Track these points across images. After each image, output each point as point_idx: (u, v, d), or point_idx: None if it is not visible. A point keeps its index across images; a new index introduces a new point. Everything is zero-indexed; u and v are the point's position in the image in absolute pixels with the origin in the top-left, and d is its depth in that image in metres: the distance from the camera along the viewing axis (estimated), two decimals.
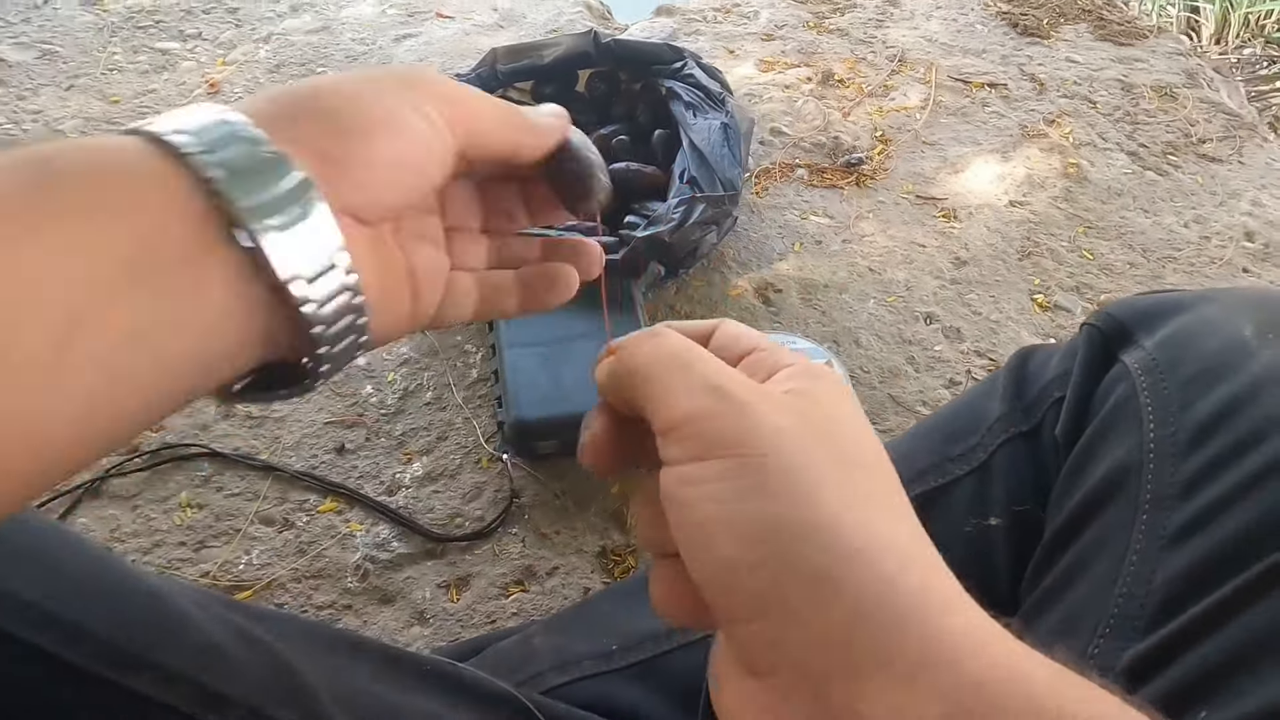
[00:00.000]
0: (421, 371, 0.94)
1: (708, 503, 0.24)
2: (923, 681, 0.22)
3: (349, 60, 1.36)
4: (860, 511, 0.24)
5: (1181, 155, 1.31)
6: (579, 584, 0.78)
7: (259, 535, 0.80)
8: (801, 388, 0.27)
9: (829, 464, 0.25)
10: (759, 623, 0.23)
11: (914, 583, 0.23)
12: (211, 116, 0.25)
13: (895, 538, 0.24)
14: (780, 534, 0.23)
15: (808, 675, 0.23)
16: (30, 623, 0.38)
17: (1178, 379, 0.49)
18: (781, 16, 1.54)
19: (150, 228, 0.23)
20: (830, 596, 0.23)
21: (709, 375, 0.26)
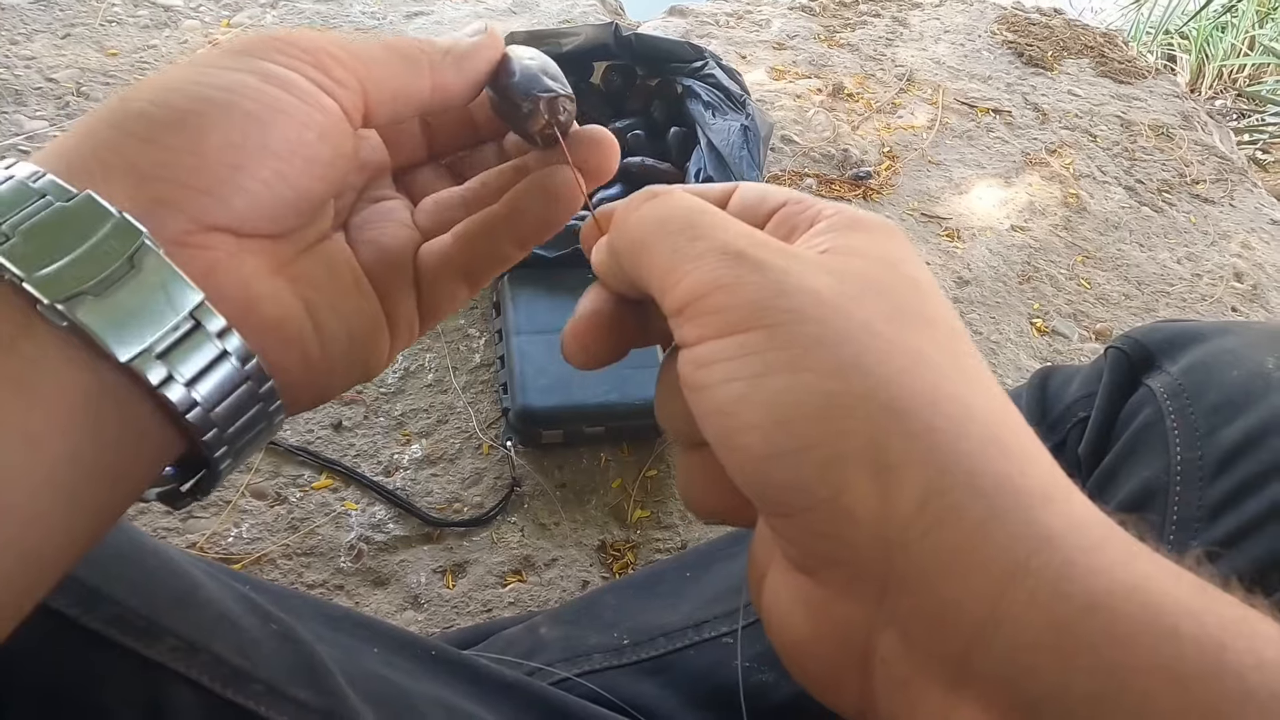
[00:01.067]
0: (423, 353, 0.92)
1: (732, 383, 0.20)
2: (1016, 596, 0.17)
3: (358, 33, 1.34)
4: (924, 377, 0.19)
5: (1176, 194, 1.33)
6: (577, 577, 0.77)
7: (249, 509, 0.78)
8: (842, 243, 0.22)
9: (880, 321, 0.20)
10: (805, 515, 0.19)
11: (1000, 466, 0.19)
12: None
13: (971, 408, 0.19)
14: (824, 412, 0.19)
15: (867, 578, 0.19)
16: None
17: (1203, 405, 0.49)
18: (793, 27, 1.55)
19: None
20: (893, 487, 0.18)
21: (726, 239, 0.21)
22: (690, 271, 0.21)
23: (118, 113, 0.22)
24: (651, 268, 0.22)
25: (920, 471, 0.18)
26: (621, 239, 0.24)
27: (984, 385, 0.20)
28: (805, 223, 0.24)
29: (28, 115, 1.08)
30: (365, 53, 0.25)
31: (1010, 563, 0.18)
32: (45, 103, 1.11)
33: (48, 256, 0.20)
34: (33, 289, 0.19)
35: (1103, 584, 0.17)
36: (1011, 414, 0.20)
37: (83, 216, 0.20)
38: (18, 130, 1.06)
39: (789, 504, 0.19)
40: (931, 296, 0.22)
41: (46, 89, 1.13)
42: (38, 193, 0.20)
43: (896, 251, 0.22)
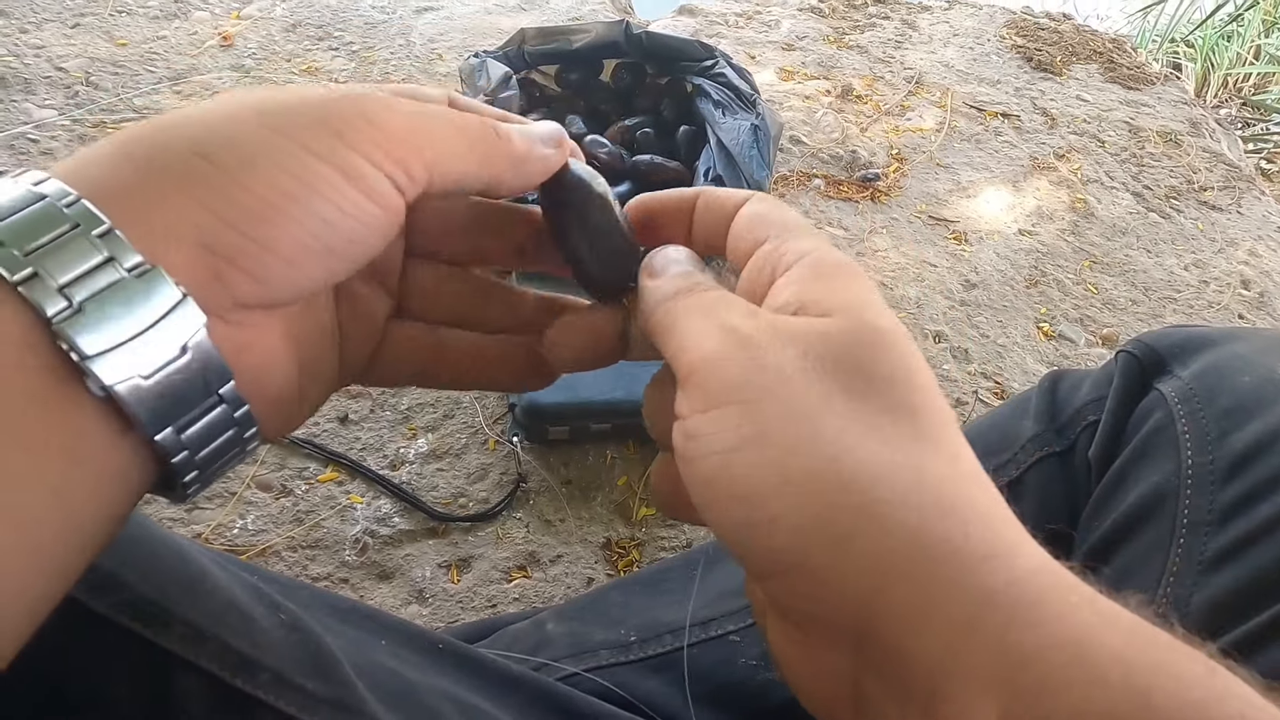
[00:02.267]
0: None
1: (711, 456, 0.21)
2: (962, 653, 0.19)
3: (368, 26, 1.34)
4: (873, 449, 0.21)
5: (1184, 200, 1.33)
6: (582, 573, 0.77)
7: (255, 500, 0.78)
8: (810, 297, 0.23)
9: (839, 394, 0.21)
10: (783, 579, 0.21)
11: (942, 531, 0.20)
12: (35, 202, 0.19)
13: (920, 472, 0.21)
14: (784, 487, 0.20)
15: (843, 633, 0.21)
16: None
17: (1214, 410, 0.49)
18: (803, 28, 1.55)
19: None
20: (848, 555, 0.20)
21: (725, 317, 0.23)
22: (694, 347, 0.23)
23: (194, 177, 0.21)
24: (671, 348, 0.24)
25: (868, 541, 0.20)
26: (653, 322, 0.26)
27: (936, 445, 0.22)
28: (781, 265, 0.25)
29: (36, 104, 1.08)
30: (440, 138, 0.25)
31: (955, 622, 0.19)
32: (54, 91, 1.11)
33: (109, 333, 0.19)
34: (95, 370, 0.19)
35: (1039, 638, 0.19)
36: (961, 473, 0.21)
37: (148, 292, 0.20)
38: (26, 119, 1.06)
39: (767, 568, 0.21)
40: (893, 350, 0.23)
41: (56, 78, 1.13)
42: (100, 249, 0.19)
43: (861, 299, 0.23)
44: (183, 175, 0.21)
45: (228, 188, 0.21)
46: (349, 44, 1.30)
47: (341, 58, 1.27)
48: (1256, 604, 0.40)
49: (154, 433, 0.21)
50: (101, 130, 1.07)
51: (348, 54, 1.28)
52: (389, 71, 1.26)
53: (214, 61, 1.22)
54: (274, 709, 0.37)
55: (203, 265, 0.21)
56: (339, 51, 1.28)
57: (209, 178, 0.21)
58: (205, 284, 0.21)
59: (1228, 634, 0.40)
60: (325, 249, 0.23)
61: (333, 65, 1.26)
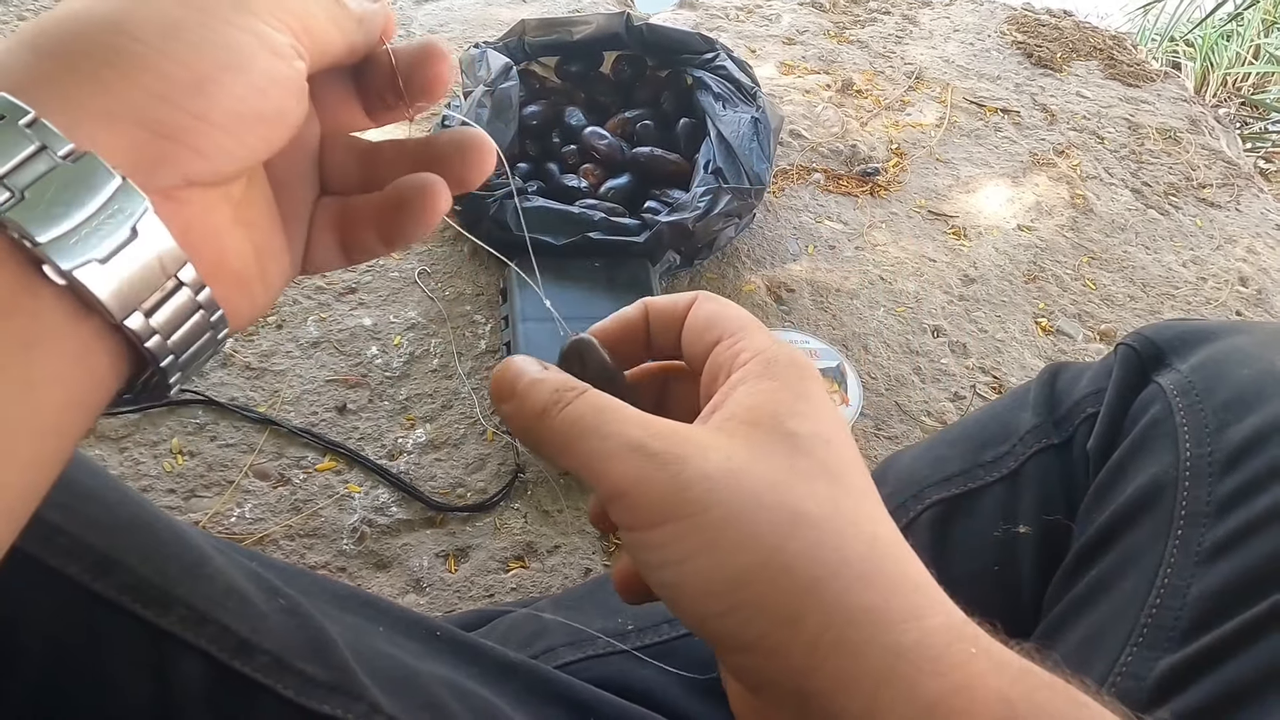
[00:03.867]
0: (429, 338, 0.92)
1: (667, 568, 0.24)
2: (883, 699, 0.23)
3: None
4: (805, 536, 0.24)
5: (1182, 197, 1.33)
6: (580, 564, 0.77)
7: (252, 489, 0.78)
8: (746, 402, 0.26)
9: (767, 492, 0.24)
10: (739, 656, 0.24)
11: (868, 600, 0.23)
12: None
13: (843, 550, 0.24)
14: (736, 582, 0.23)
15: (789, 695, 0.24)
16: (60, 550, 0.36)
17: (1213, 403, 0.49)
18: (803, 22, 1.55)
19: None
20: (798, 632, 0.23)
21: (627, 434, 0.25)
22: (608, 471, 0.25)
23: (122, 56, 0.21)
24: (578, 467, 0.26)
25: (814, 618, 0.23)
26: (543, 446, 0.27)
27: (856, 524, 0.25)
28: (727, 367, 0.28)
29: None
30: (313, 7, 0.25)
31: (877, 675, 0.23)
32: None
33: (55, 218, 0.20)
34: (47, 254, 0.19)
35: (939, 686, 0.23)
36: (880, 549, 0.25)
37: (87, 177, 0.20)
38: None
39: (725, 647, 0.25)
40: (818, 448, 0.25)
41: None
42: (30, 138, 0.19)
43: (795, 399, 0.26)
44: (109, 56, 0.21)
45: (161, 64, 0.21)
46: None
47: None
48: (1254, 595, 0.41)
49: (121, 317, 0.21)
50: None
51: None
52: None
53: None
54: (272, 692, 0.38)
55: (143, 144, 0.21)
56: None
57: (140, 56, 0.21)
58: (148, 163, 0.21)
59: (1225, 624, 0.40)
60: (259, 117, 0.23)
61: None
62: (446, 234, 1.02)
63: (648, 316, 0.31)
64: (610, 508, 0.25)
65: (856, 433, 0.91)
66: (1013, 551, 0.53)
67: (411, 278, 0.97)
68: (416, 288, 0.96)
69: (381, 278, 0.97)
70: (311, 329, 0.90)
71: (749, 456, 0.25)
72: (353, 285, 0.95)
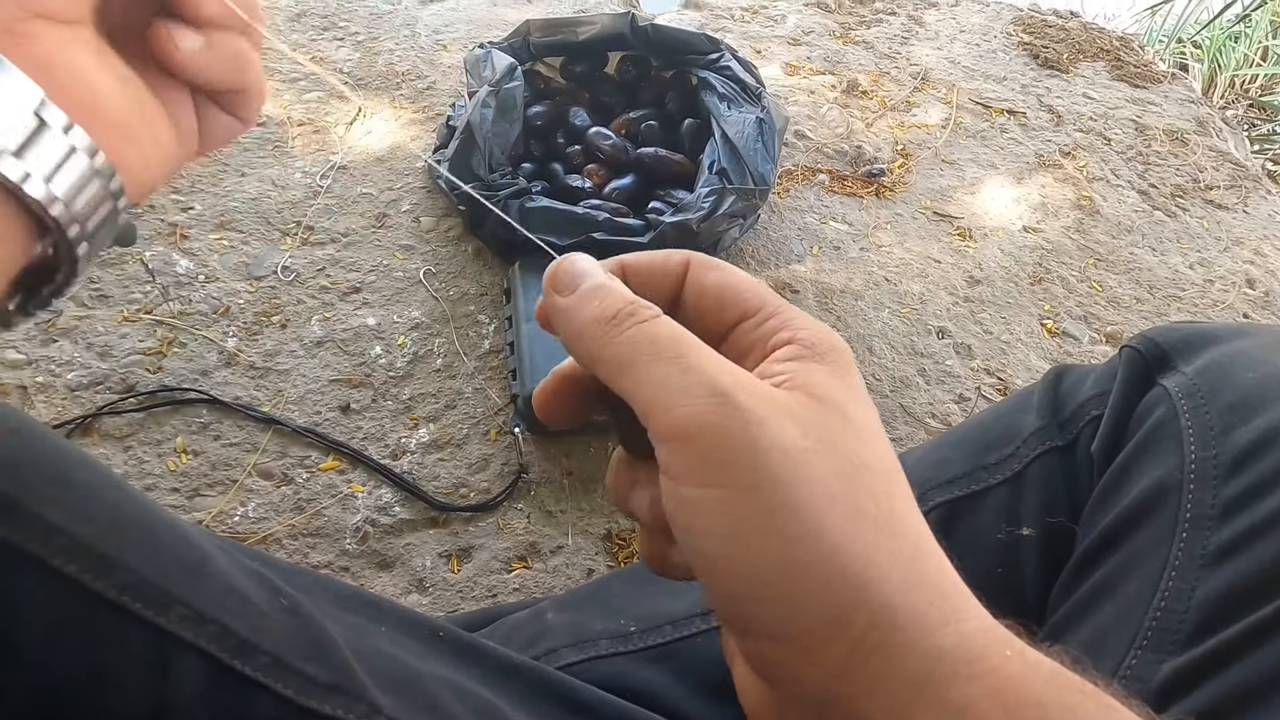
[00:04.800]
0: (432, 338, 0.92)
1: (714, 537, 0.23)
2: (917, 703, 0.22)
3: (373, 17, 1.33)
4: (863, 535, 0.23)
5: (1189, 199, 1.33)
6: (583, 564, 0.77)
7: (256, 488, 0.78)
8: (803, 379, 0.24)
9: (835, 482, 0.23)
10: (769, 646, 0.23)
11: (914, 603, 0.23)
12: None
13: (895, 554, 0.23)
14: (787, 573, 0.22)
15: (813, 693, 0.23)
16: (60, 549, 0.36)
17: (1218, 405, 0.49)
18: (809, 23, 1.54)
19: None
20: (839, 633, 0.22)
21: (711, 375, 0.23)
22: (680, 405, 0.23)
23: None
24: (638, 389, 0.24)
25: (862, 617, 0.22)
26: (603, 355, 0.25)
27: (906, 526, 0.24)
28: (766, 345, 0.26)
29: None
30: None
31: (916, 678, 0.22)
32: None
33: None
34: None
35: (975, 690, 0.22)
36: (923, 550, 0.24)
37: None
38: None
39: (755, 634, 0.23)
40: (873, 439, 0.25)
41: None
42: None
43: (848, 388, 0.25)
44: None
45: None
46: (354, 34, 1.30)
47: (346, 48, 1.27)
48: (1258, 599, 0.40)
49: None
50: None
51: (353, 44, 1.28)
52: (393, 62, 1.26)
53: None
54: (272, 691, 0.37)
55: None
56: (344, 42, 1.28)
57: None
58: None
59: (1230, 628, 0.40)
60: None
61: (337, 55, 1.25)
62: (450, 234, 1.02)
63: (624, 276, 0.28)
64: (663, 449, 0.23)
65: None
66: (1016, 554, 0.53)
67: (416, 277, 0.97)
68: (421, 288, 0.96)
69: (386, 278, 0.97)
70: (315, 328, 0.90)
71: (822, 438, 0.23)
72: (357, 285, 0.96)
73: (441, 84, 1.24)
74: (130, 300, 0.89)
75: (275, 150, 1.09)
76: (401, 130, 1.16)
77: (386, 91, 1.21)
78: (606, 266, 0.28)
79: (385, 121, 1.16)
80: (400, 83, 1.23)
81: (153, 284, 0.91)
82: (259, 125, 1.12)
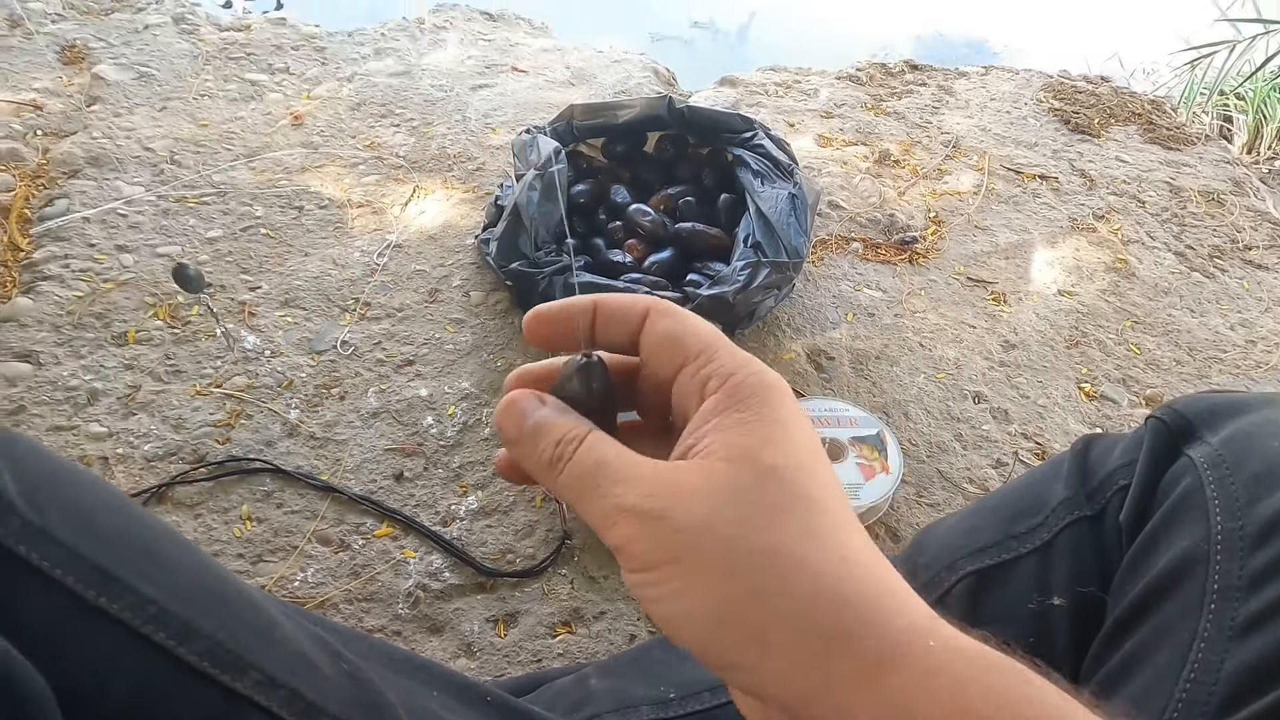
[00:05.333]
0: (481, 407, 0.96)
1: (662, 603, 0.27)
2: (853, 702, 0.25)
3: (427, 103, 1.42)
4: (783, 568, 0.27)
5: (1228, 259, 1.33)
6: (625, 630, 0.79)
7: (315, 554, 0.82)
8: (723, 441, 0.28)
9: (746, 532, 0.27)
10: (733, 673, 0.27)
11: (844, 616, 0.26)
12: None
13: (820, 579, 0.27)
14: (718, 618, 0.27)
15: (779, 702, 0.27)
16: (149, 617, 0.40)
17: (1243, 476, 0.50)
18: (841, 96, 1.60)
19: None
20: (766, 653, 0.26)
21: (621, 499, 0.28)
22: (609, 528, 0.28)
23: None
24: (588, 517, 0.29)
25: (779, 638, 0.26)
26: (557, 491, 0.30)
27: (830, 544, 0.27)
28: (701, 391, 0.30)
29: (126, 181, 1.18)
30: None
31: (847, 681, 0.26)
32: (142, 170, 1.20)
33: None
34: None
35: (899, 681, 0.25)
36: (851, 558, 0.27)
37: None
38: (117, 195, 1.15)
39: (723, 669, 0.27)
40: (795, 467, 0.28)
41: (144, 157, 1.22)
42: None
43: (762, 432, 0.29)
44: None
45: None
46: (409, 120, 1.39)
47: (402, 133, 1.36)
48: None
49: None
50: (183, 205, 1.16)
51: (408, 129, 1.36)
52: (445, 145, 1.34)
53: (285, 139, 1.31)
54: None
55: None
56: (400, 127, 1.37)
57: None
58: None
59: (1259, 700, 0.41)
60: None
61: (394, 140, 1.34)
62: (498, 307, 1.07)
63: (595, 313, 0.33)
64: (618, 558, 0.29)
65: (898, 500, 0.92)
66: (1047, 623, 0.54)
67: (466, 350, 1.02)
68: (470, 359, 1.01)
69: (438, 350, 1.02)
70: (372, 400, 0.95)
71: (728, 499, 0.27)
72: (411, 358, 1.01)
73: (490, 164, 1.31)
74: (203, 375, 0.96)
75: (336, 231, 1.16)
76: (453, 209, 1.23)
77: (439, 173, 1.29)
78: (580, 304, 0.33)
79: (438, 201, 1.24)
80: (452, 164, 1.30)
81: (223, 359, 0.97)
82: (320, 209, 1.20)
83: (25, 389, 0.91)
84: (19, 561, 0.37)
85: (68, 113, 1.28)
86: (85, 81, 1.35)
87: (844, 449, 0.91)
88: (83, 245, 1.07)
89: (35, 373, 0.93)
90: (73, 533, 0.39)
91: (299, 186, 1.22)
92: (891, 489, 0.88)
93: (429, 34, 1.63)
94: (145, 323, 1.00)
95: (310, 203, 1.20)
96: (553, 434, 0.30)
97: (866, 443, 0.92)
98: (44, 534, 0.38)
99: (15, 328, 0.97)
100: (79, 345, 0.96)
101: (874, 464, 0.90)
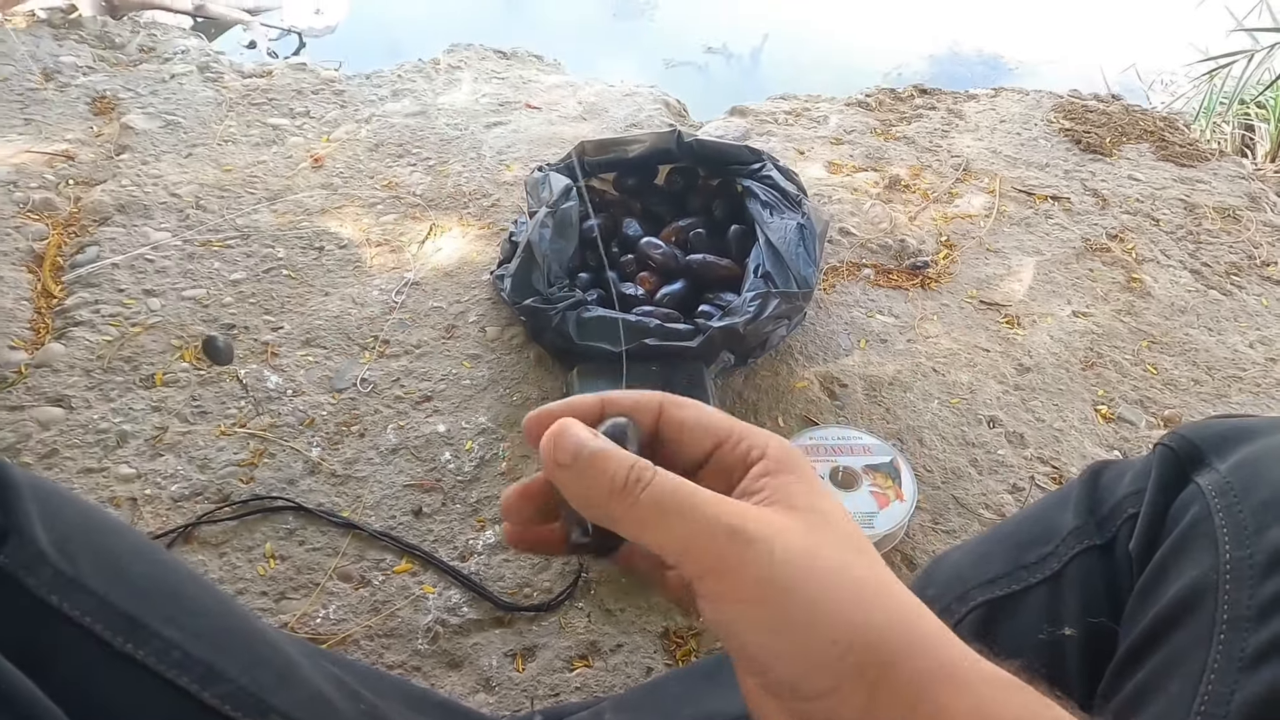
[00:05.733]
0: (497, 442, 0.98)
1: (746, 635, 0.28)
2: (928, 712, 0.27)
3: (442, 142, 1.46)
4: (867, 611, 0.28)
5: (1245, 276, 1.32)
6: (642, 663, 0.79)
7: (336, 591, 0.83)
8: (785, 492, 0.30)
9: (834, 571, 0.28)
10: (796, 703, 0.28)
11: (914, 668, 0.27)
12: None
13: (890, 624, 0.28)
14: (811, 654, 0.27)
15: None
16: (174, 662, 0.41)
17: (1251, 504, 0.50)
18: (850, 123, 1.62)
19: None
20: (851, 693, 0.27)
21: (718, 516, 0.28)
22: (698, 551, 0.28)
23: None
24: (667, 541, 0.29)
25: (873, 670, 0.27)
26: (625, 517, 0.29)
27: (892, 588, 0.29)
28: (740, 464, 0.32)
29: (153, 227, 1.22)
30: None
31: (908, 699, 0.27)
32: (169, 215, 1.24)
33: None
34: None
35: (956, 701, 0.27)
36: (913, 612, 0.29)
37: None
38: (145, 240, 1.19)
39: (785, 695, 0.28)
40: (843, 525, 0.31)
41: (170, 203, 1.26)
42: None
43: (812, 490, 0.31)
44: None
45: None
46: (426, 159, 1.42)
47: (419, 172, 1.39)
48: None
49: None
50: (208, 248, 1.20)
51: (424, 169, 1.40)
52: (461, 183, 1.37)
53: (306, 181, 1.34)
54: None
55: None
56: (416, 167, 1.40)
57: None
58: None
59: None
60: None
61: (410, 179, 1.37)
62: (514, 342, 1.09)
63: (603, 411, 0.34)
64: (699, 584, 0.28)
65: (913, 528, 0.92)
66: (1059, 653, 0.54)
67: (483, 385, 1.04)
68: (487, 394, 1.03)
69: (455, 385, 1.04)
70: (390, 436, 0.97)
71: (815, 541, 0.29)
72: (428, 394, 1.03)
73: (505, 200, 1.34)
74: (227, 415, 0.98)
75: (355, 270, 1.19)
76: (469, 246, 1.25)
77: (455, 210, 1.31)
78: (587, 404, 0.34)
79: (454, 238, 1.26)
80: (467, 201, 1.33)
81: (246, 399, 1.00)
82: (340, 248, 1.23)
83: (58, 432, 0.94)
84: (50, 611, 0.39)
85: (98, 161, 1.33)
86: (115, 131, 1.40)
87: (858, 477, 0.91)
88: (112, 290, 1.11)
89: (67, 416, 0.96)
90: (104, 582, 0.41)
91: (319, 227, 1.26)
92: (906, 517, 0.88)
93: (444, 74, 1.67)
94: (172, 365, 1.03)
95: (330, 243, 1.23)
96: (622, 459, 0.30)
97: (880, 470, 0.92)
98: (75, 583, 0.40)
99: (49, 373, 1.00)
100: (109, 389, 0.99)
101: (888, 492, 0.90)
